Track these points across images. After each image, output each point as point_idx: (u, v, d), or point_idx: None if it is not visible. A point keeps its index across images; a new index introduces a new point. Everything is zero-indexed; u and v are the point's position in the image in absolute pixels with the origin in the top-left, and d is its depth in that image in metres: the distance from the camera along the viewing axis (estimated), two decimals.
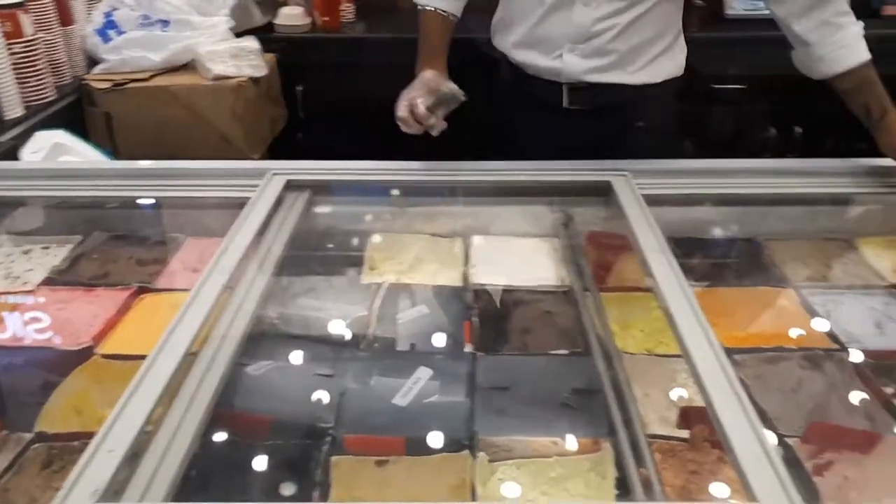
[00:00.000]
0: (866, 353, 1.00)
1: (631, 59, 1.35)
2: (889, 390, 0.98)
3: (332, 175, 1.29)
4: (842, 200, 1.33)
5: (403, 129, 1.22)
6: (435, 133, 1.21)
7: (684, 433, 0.88)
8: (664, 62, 1.38)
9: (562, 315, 1.12)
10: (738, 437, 0.70)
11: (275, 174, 1.24)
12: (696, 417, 0.83)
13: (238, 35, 2.02)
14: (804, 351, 1.01)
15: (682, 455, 0.86)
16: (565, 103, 1.40)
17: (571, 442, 0.87)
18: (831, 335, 1.05)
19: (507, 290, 1.15)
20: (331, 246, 1.25)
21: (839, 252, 1.28)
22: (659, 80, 1.39)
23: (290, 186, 1.25)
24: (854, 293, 1.15)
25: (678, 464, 0.86)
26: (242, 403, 0.89)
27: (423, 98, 1.19)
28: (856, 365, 0.99)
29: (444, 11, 1.35)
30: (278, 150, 2.19)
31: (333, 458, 0.83)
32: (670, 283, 0.96)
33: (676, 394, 0.95)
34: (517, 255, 1.26)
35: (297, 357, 0.99)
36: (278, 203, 1.19)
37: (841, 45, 1.22)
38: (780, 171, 1.31)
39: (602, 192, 1.24)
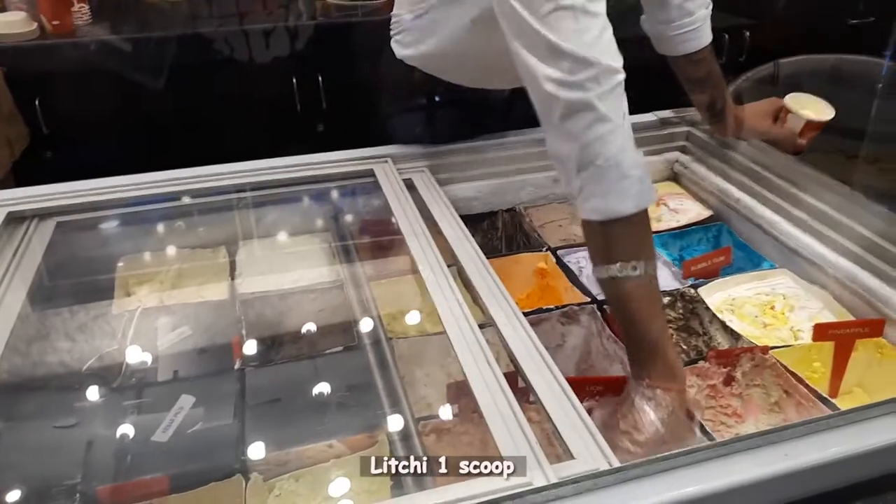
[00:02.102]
0: None
1: None
2: None
3: (69, 198, 1.16)
4: None
5: None
6: None
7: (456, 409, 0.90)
8: None
9: (336, 311, 1.10)
10: (487, 402, 0.73)
11: None
12: (462, 391, 0.85)
13: None
14: (562, 308, 1.08)
15: (455, 430, 0.88)
16: None
17: (347, 442, 0.86)
18: (584, 289, 1.12)
19: (278, 295, 1.11)
20: (72, 277, 1.12)
21: None
22: None
23: (18, 218, 1.11)
24: None
25: (453, 439, 0.88)
26: None
27: None
28: (605, 313, 1.07)
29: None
30: (24, 173, 1.95)
31: None
32: (429, 262, 0.98)
33: (450, 370, 0.97)
34: (287, 256, 1.22)
35: (31, 412, 0.87)
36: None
37: (691, 27, 1.17)
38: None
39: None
